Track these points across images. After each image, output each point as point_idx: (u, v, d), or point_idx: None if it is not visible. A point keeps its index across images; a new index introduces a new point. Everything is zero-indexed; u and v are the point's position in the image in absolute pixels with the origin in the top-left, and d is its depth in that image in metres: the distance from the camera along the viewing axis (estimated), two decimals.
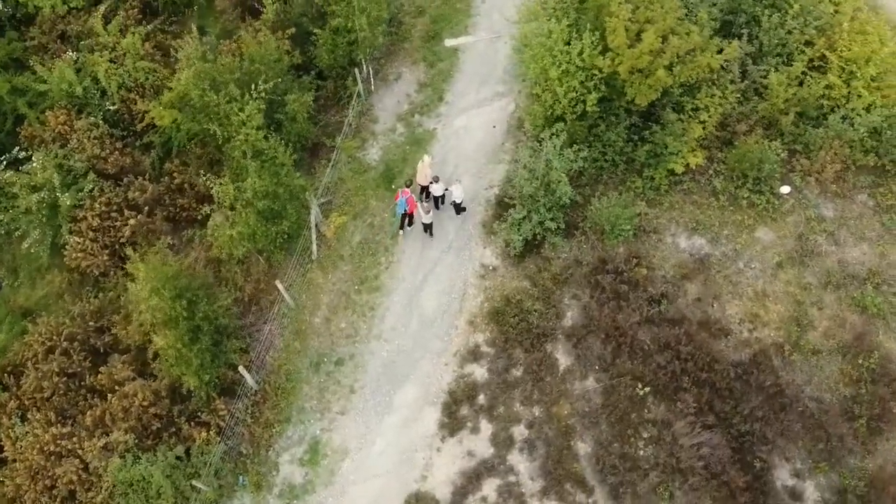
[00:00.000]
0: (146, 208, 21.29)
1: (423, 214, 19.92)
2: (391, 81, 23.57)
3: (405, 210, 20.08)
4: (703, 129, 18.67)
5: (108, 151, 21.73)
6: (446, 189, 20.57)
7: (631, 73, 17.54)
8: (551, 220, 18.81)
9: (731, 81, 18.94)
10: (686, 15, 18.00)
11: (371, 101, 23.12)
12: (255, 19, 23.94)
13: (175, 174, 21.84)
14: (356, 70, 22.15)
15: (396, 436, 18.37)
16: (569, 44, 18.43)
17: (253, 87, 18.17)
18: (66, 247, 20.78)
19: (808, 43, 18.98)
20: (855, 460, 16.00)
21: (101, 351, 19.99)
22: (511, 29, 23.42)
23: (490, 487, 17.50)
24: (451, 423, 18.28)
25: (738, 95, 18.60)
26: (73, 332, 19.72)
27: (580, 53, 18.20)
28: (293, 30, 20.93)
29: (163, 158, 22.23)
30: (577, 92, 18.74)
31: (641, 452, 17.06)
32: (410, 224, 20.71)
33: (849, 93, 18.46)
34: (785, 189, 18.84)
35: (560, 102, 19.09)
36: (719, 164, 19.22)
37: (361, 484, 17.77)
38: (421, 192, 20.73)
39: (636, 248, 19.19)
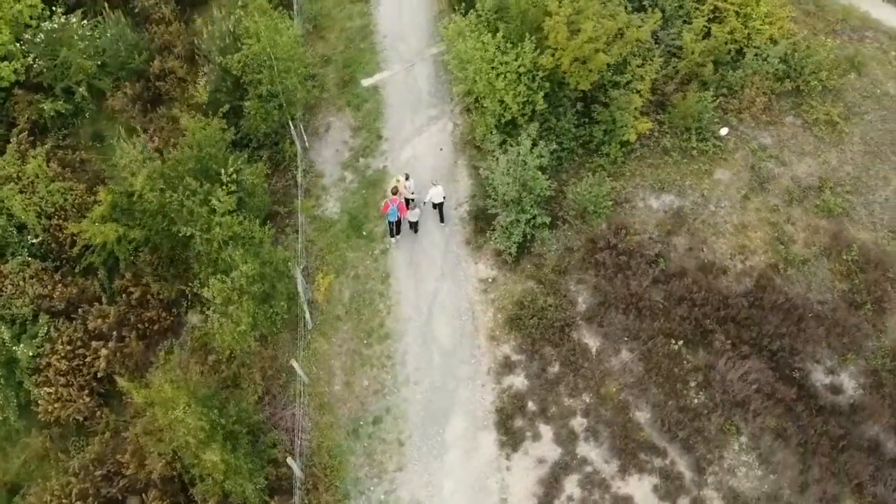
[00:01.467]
0: (113, 333, 19.57)
1: (409, 213, 20.18)
2: (323, 134, 23.25)
3: (397, 217, 20.08)
4: (640, 97, 20.08)
5: (50, 287, 19.76)
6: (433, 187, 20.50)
7: (573, 63, 18.57)
8: (546, 215, 19.39)
9: (648, 49, 20.57)
10: None
11: (310, 158, 22.67)
12: (153, 110, 22.92)
13: (131, 289, 20.22)
14: (292, 130, 21.69)
15: (462, 471, 18.03)
16: (505, 53, 19.23)
17: (223, 171, 17.27)
18: (37, 402, 18.67)
19: (700, 0, 21.04)
20: (873, 343, 17.79)
21: (119, 499, 18.07)
22: (422, 54, 24.08)
23: (571, 485, 17.63)
24: (511, 439, 18.24)
25: (661, 60, 20.22)
26: (83, 488, 17.64)
27: (519, 59, 19.02)
28: (226, 107, 20.13)
29: (110, 277, 20.53)
30: (524, 95, 19.55)
31: (696, 400, 17.93)
32: (398, 232, 20.66)
33: (748, 34, 20.66)
34: (724, 131, 20.65)
35: (510, 108, 19.80)
36: (663, 126, 20.73)
37: None
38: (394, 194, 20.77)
39: (618, 221, 20.21)
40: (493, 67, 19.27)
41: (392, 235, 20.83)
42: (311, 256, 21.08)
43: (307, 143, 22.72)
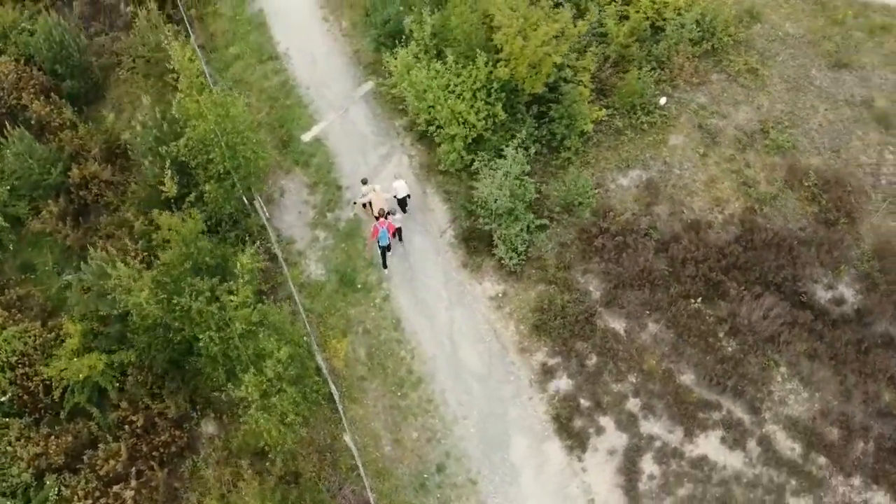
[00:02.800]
0: (133, 471, 17.54)
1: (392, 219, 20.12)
2: (279, 199, 22.19)
3: (388, 241, 19.72)
4: (586, 87, 20.96)
5: (43, 444, 17.36)
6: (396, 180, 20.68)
7: (527, 69, 19.08)
8: (537, 219, 19.65)
9: (578, 42, 21.54)
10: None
11: (275, 227, 21.57)
12: (87, 222, 20.91)
13: (132, 418, 18.24)
14: (257, 203, 20.54)
15: (541, 488, 17.83)
16: (459, 74, 19.39)
17: (238, 264, 15.93)
18: None
19: None
20: (856, 251, 19.56)
21: None
22: (352, 96, 23.66)
23: (648, 464, 17.94)
24: (576, 441, 18.29)
25: (597, 50, 21.23)
26: None
27: (472, 76, 19.25)
28: (192, 196, 18.67)
29: (103, 412, 18.37)
30: (484, 110, 19.78)
31: (730, 349, 18.88)
32: (386, 258, 20.47)
33: (658, 9, 22.22)
34: (663, 100, 21.97)
35: (475, 126, 19.97)
36: (610, 109, 21.70)
37: None
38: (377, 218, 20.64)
39: (599, 206, 20.92)
40: (450, 91, 19.36)
41: (385, 265, 20.39)
42: (312, 325, 20.07)
43: (267, 214, 21.61)
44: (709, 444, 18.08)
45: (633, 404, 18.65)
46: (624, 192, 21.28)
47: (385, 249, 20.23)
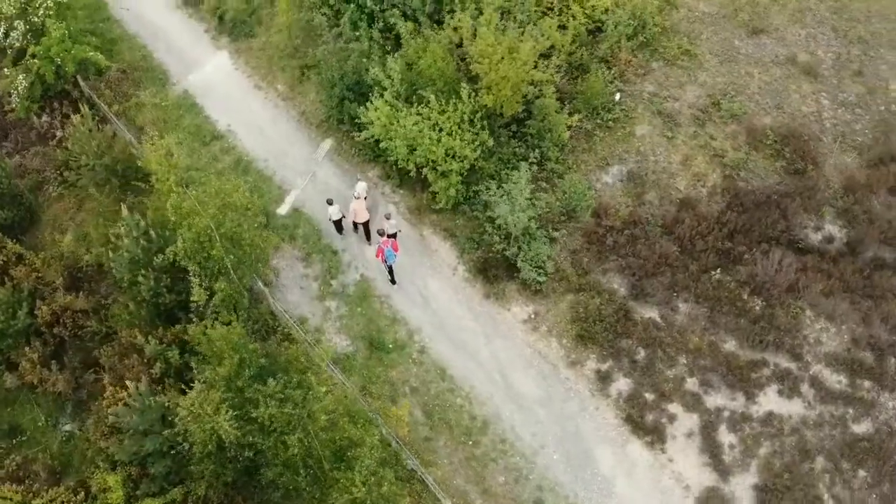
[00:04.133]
0: None
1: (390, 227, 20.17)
2: (276, 281, 20.82)
3: (395, 259, 19.60)
4: (551, 98, 21.49)
5: None
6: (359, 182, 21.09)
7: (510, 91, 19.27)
8: (554, 230, 19.75)
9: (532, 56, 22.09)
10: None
11: (282, 309, 20.16)
12: (77, 361, 18.53)
13: None
14: (264, 291, 19.10)
15: (636, 490, 17.92)
16: (444, 111, 19.21)
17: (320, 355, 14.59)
18: None
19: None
20: (829, 191, 21.31)
21: None
22: (315, 158, 22.70)
23: (724, 435, 18.46)
24: (654, 435, 18.55)
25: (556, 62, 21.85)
26: None
27: (458, 110, 19.16)
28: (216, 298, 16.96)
29: None
30: (476, 141, 19.75)
31: (758, 307, 19.85)
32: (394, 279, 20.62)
33: (588, 14, 23.27)
34: (618, 96, 22.95)
35: (468, 158, 19.85)
36: (575, 115, 22.35)
37: None
38: (355, 229, 21.15)
39: (596, 206, 21.45)
40: (439, 130, 19.14)
41: (393, 281, 20.38)
42: (363, 399, 18.96)
43: (270, 299, 20.19)
44: (769, 400, 19.02)
45: (691, 384, 19.24)
46: (611, 189, 22.00)
47: (389, 268, 20.01)
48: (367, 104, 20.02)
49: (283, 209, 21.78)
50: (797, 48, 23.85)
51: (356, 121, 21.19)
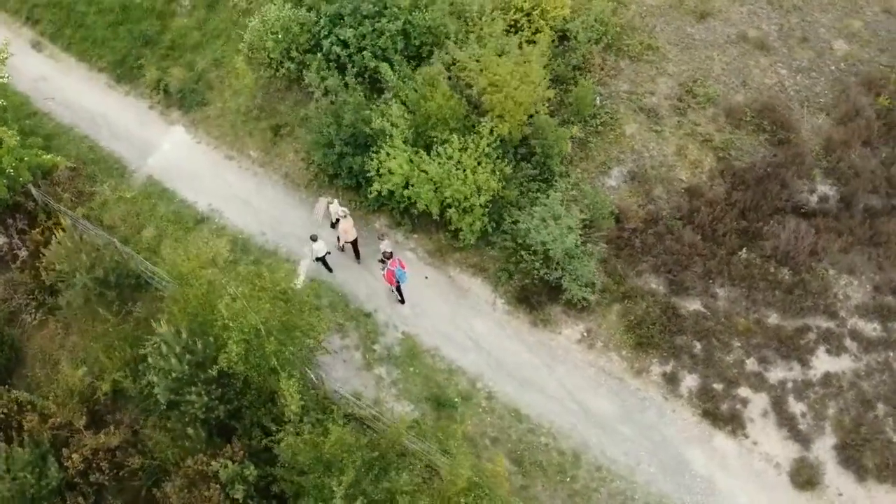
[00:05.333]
0: None
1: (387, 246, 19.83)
2: (315, 360, 19.14)
3: (406, 277, 19.25)
4: (547, 114, 21.33)
5: None
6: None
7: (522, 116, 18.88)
8: (594, 244, 19.56)
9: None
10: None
11: (332, 389, 18.62)
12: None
13: None
14: (321, 376, 17.53)
15: (735, 480, 18.14)
16: (465, 147, 18.50)
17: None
18: None
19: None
20: (812, 154, 22.63)
21: None
22: (315, 221, 21.22)
23: (794, 406, 18.98)
24: (733, 424, 18.81)
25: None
26: None
27: (479, 144, 18.54)
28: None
29: None
30: (493, 172, 19.21)
31: (788, 277, 20.55)
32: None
33: (549, 24, 23.33)
34: (598, 100, 23.19)
35: (493, 189, 19.26)
36: (573, 125, 22.24)
37: None
38: (342, 249, 20.69)
39: (614, 208, 21.53)
40: (462, 168, 18.43)
41: (402, 301, 20.05)
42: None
43: (317, 380, 18.63)
44: (822, 362, 19.83)
45: (751, 364, 19.72)
46: (619, 191, 22.15)
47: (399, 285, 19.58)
48: (377, 155, 18.94)
49: (299, 281, 20.21)
50: (744, 25, 25.10)
51: (359, 175, 20.04)
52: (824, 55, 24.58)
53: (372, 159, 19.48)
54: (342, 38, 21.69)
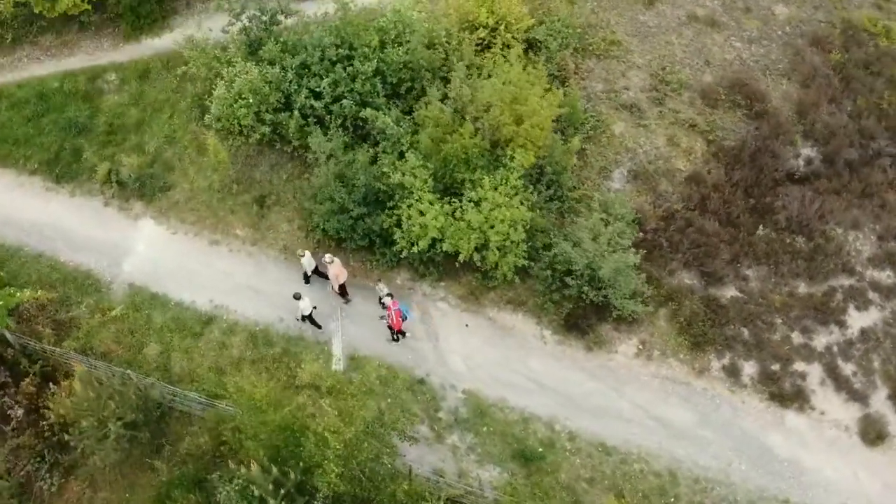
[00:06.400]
0: None
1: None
2: None
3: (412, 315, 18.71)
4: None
5: None
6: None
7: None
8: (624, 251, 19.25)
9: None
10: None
11: (423, 476, 17.05)
12: None
13: None
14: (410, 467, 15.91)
15: (819, 455, 18.51)
16: (496, 188, 17.40)
17: None
18: None
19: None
20: (790, 120, 23.45)
21: None
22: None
23: (844, 367, 19.59)
24: (799, 399, 19.19)
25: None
26: None
27: (507, 179, 17.48)
28: None
29: None
30: (523, 202, 18.30)
31: (803, 244, 21.06)
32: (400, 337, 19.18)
33: (515, 37, 22.48)
34: (582, 105, 22.80)
35: (525, 220, 18.34)
36: (574, 137, 21.45)
37: None
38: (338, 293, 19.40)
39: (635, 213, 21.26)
40: (499, 207, 17.33)
41: (401, 337, 19.11)
42: None
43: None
44: (854, 319, 20.56)
45: (797, 337, 20.14)
46: (625, 193, 21.85)
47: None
48: (399, 211, 17.41)
49: (338, 364, 18.34)
50: (690, 5, 25.38)
51: (378, 234, 18.42)
52: (769, 22, 25.40)
53: (390, 216, 17.97)
54: (314, 89, 19.87)
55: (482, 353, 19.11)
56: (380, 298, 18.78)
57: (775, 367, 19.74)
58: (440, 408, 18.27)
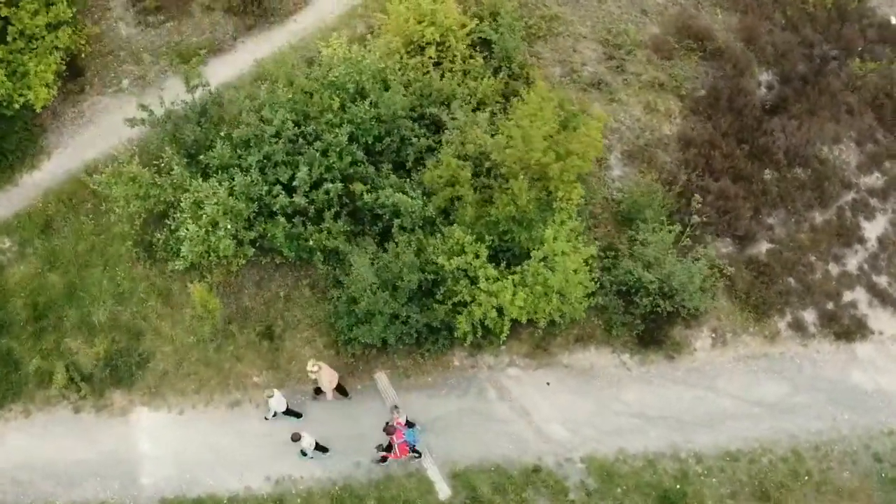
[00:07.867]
0: None
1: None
2: None
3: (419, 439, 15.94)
4: None
5: None
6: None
7: None
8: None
9: None
10: None
11: None
12: None
13: None
14: None
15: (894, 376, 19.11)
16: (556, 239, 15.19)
17: None
18: None
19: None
20: (736, 52, 22.91)
21: None
22: (393, 403, 16.43)
23: (881, 281, 20.19)
24: (861, 329, 19.46)
25: None
26: None
27: (564, 224, 15.32)
28: None
29: None
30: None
31: (805, 175, 21.04)
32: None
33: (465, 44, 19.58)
34: None
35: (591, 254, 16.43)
36: None
37: None
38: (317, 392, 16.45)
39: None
40: (569, 249, 15.26)
41: (385, 460, 15.99)
42: None
43: None
44: (867, 231, 20.89)
45: (833, 269, 20.27)
46: (629, 177, 20.42)
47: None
48: (464, 295, 14.79)
49: (442, 494, 15.66)
50: None
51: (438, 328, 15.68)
52: None
53: (444, 303, 15.27)
54: (285, 182, 16.10)
55: (576, 408, 17.37)
56: (387, 423, 15.50)
57: (830, 305, 19.87)
58: (567, 489, 16.41)
